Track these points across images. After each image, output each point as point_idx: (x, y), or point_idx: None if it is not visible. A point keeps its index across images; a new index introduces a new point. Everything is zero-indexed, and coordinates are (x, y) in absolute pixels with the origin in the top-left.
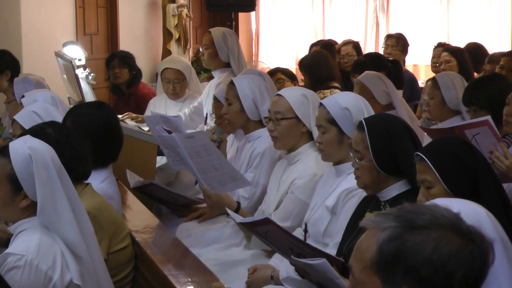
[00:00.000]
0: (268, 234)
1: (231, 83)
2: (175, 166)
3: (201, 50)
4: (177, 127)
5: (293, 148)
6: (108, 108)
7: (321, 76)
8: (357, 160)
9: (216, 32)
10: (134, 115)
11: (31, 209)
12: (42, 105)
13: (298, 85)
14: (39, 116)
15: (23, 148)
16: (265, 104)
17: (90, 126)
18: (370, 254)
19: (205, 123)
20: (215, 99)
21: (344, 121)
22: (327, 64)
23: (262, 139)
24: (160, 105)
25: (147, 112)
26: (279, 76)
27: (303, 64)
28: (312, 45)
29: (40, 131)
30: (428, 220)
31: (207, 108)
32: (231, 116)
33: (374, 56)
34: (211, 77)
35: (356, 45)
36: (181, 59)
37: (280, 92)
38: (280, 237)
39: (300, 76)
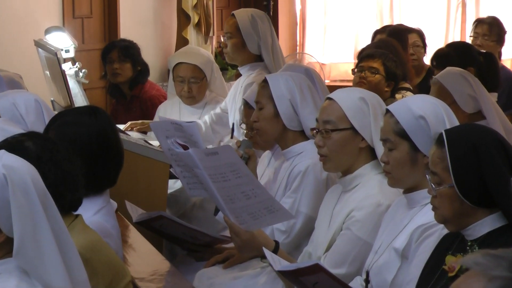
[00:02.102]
0: (317, 287)
1: (264, 81)
2: (191, 191)
3: (222, 39)
4: (191, 136)
5: (349, 170)
6: (103, 115)
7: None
8: (434, 186)
9: (242, 15)
10: (139, 122)
11: (6, 248)
12: None
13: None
14: None
15: None
16: (307, 108)
17: (80, 140)
18: None
19: (231, 137)
20: (246, 104)
21: (418, 134)
22: (398, 58)
23: (304, 154)
24: (173, 112)
25: (156, 120)
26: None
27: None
28: (376, 32)
29: (17, 144)
30: None
31: (234, 116)
32: (262, 124)
33: (461, 46)
34: (239, 75)
35: (420, 34)
36: (200, 50)
37: (330, 95)
38: None
39: None
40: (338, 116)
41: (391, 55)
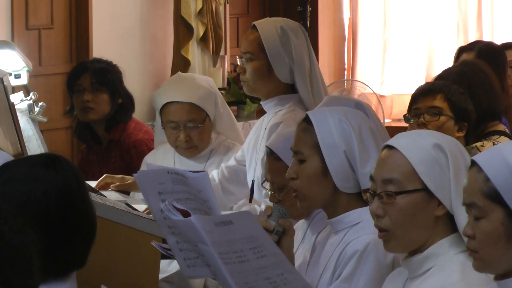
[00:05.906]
0: None
1: (306, 121)
2: (190, 270)
3: (239, 62)
4: (199, 193)
5: (420, 248)
6: (67, 167)
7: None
8: None
9: (267, 27)
10: (117, 176)
11: None
12: None
13: None
14: None
15: None
16: (368, 163)
17: (34, 202)
18: None
19: (250, 200)
20: (270, 153)
21: None
22: (489, 88)
23: (362, 227)
24: (164, 165)
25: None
26: None
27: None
28: (461, 50)
29: None
30: None
31: (254, 171)
32: (304, 184)
33: None
34: (263, 112)
35: None
36: (195, 80)
37: (391, 142)
38: None
39: None
40: (405, 172)
41: (456, 86)
